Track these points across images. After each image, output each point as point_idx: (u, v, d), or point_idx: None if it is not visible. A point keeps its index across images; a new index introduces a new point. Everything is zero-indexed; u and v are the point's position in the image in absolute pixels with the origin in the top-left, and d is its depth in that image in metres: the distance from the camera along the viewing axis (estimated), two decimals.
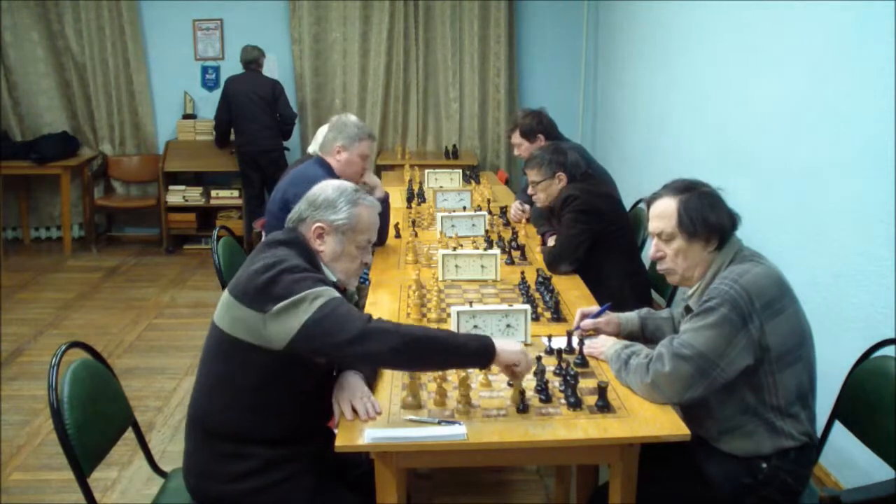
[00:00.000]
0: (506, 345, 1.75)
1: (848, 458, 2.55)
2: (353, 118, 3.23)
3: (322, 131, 3.47)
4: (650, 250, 2.03)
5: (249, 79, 5.72)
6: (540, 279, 2.69)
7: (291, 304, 1.69)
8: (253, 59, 5.77)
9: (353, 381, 1.87)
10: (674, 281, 2.02)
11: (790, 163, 3.02)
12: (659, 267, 2.01)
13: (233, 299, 1.77)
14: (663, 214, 1.95)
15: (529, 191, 3.19)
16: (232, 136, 5.94)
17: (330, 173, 3.10)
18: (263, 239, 1.97)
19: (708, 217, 1.90)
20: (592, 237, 2.92)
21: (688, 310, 1.97)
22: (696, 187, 1.95)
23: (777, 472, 1.86)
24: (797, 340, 1.86)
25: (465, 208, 3.88)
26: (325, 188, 1.96)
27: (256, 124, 5.68)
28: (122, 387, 2.09)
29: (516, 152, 3.80)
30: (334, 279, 1.89)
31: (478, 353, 1.72)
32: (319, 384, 1.89)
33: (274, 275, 1.72)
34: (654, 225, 1.98)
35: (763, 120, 3.25)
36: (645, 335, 2.25)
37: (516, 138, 3.73)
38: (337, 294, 1.75)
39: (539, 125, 3.69)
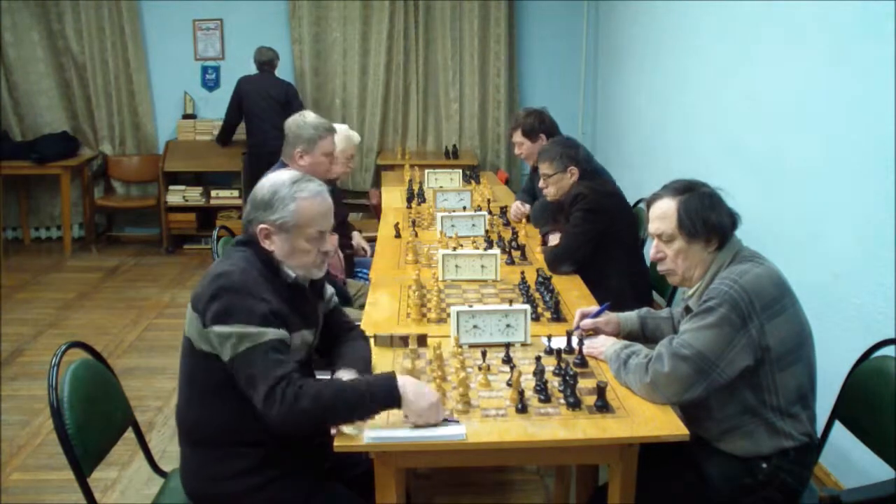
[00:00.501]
0: (413, 400, 1.68)
1: (848, 458, 2.55)
2: (309, 118, 3.07)
3: None
4: (650, 251, 2.03)
5: (263, 80, 5.70)
6: (540, 279, 2.69)
7: (225, 335, 1.68)
8: (267, 60, 5.75)
9: None
10: (674, 281, 2.02)
11: (790, 163, 3.02)
12: (659, 268, 2.01)
13: (190, 308, 1.78)
14: (663, 215, 1.94)
15: (541, 183, 3.17)
16: (238, 137, 5.95)
17: None
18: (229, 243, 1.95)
19: (708, 217, 1.90)
20: (597, 237, 2.91)
21: (688, 310, 1.97)
22: (695, 188, 1.95)
23: (777, 472, 1.86)
24: (797, 341, 1.86)
25: (465, 208, 3.87)
26: (263, 185, 1.87)
27: (270, 125, 5.66)
28: (122, 387, 2.09)
29: (517, 151, 3.80)
30: (293, 276, 1.85)
31: (385, 407, 1.69)
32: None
33: (215, 290, 1.71)
34: (654, 226, 1.97)
35: (763, 120, 3.25)
36: (645, 334, 2.25)
37: (518, 137, 3.73)
38: (266, 338, 1.67)
39: (541, 125, 3.69)
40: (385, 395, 1.67)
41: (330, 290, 2.10)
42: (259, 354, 1.66)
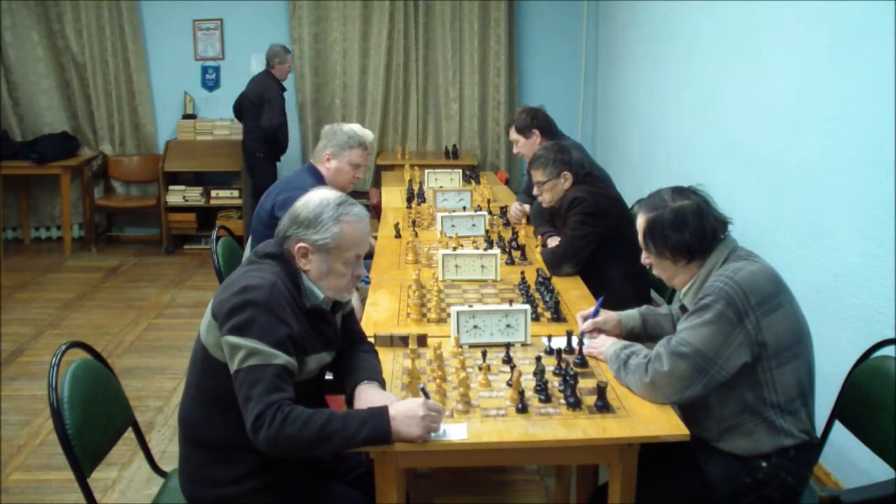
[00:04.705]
0: (402, 427, 1.63)
1: (848, 458, 2.55)
2: (346, 126, 3.19)
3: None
4: (643, 257, 2.06)
5: (253, 80, 5.67)
6: (540, 279, 2.69)
7: (237, 346, 1.66)
8: (267, 58, 5.64)
9: (382, 398, 1.78)
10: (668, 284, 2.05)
11: (790, 163, 3.02)
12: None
13: (210, 316, 1.75)
14: (639, 229, 2.00)
15: (535, 191, 3.16)
16: (237, 137, 5.98)
17: (320, 182, 3.07)
18: (254, 249, 1.88)
19: (668, 238, 1.92)
20: (597, 240, 2.91)
21: (683, 308, 1.98)
22: (665, 205, 1.95)
23: (777, 471, 1.86)
24: (794, 337, 1.86)
25: (465, 208, 3.88)
26: (308, 203, 1.83)
27: (250, 125, 5.63)
28: (122, 387, 2.09)
29: (515, 150, 3.83)
30: (320, 297, 1.83)
31: (369, 443, 1.64)
32: (305, 392, 1.81)
33: (241, 303, 1.68)
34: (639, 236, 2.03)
35: (763, 120, 3.25)
36: (647, 331, 2.26)
37: (513, 135, 3.78)
38: (274, 361, 1.65)
39: (533, 120, 3.69)
40: (372, 430, 1.62)
41: (350, 305, 2.04)
42: (262, 375, 1.64)
